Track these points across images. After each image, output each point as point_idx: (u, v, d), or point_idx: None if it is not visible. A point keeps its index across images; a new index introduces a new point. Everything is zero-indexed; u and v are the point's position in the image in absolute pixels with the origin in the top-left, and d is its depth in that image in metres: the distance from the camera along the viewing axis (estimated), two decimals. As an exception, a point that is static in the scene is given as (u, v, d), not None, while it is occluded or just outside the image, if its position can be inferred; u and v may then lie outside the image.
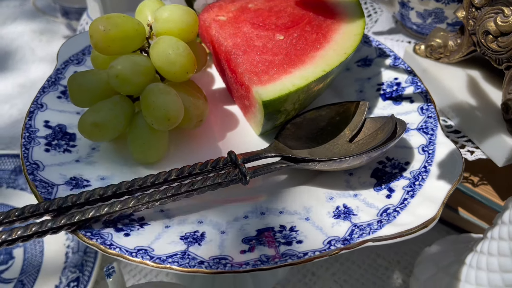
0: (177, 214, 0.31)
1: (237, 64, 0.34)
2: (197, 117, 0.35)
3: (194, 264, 0.27)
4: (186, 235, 0.29)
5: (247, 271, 0.26)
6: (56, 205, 0.29)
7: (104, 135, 0.33)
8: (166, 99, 0.31)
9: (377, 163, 0.34)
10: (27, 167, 0.32)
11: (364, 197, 0.31)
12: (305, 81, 0.32)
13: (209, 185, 0.30)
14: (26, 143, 0.34)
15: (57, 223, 0.28)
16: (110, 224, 0.29)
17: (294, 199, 0.32)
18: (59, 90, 0.40)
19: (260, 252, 0.28)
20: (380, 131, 0.34)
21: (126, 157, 0.35)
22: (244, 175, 0.31)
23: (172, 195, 0.30)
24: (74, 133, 0.36)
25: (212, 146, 0.37)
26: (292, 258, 0.27)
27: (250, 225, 0.30)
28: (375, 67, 0.43)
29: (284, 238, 0.29)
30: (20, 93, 0.72)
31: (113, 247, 0.28)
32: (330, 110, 0.37)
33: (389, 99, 0.40)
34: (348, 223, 0.29)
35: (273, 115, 0.33)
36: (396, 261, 0.49)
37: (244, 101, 0.36)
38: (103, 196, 0.30)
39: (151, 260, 0.27)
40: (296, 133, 0.36)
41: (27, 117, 0.36)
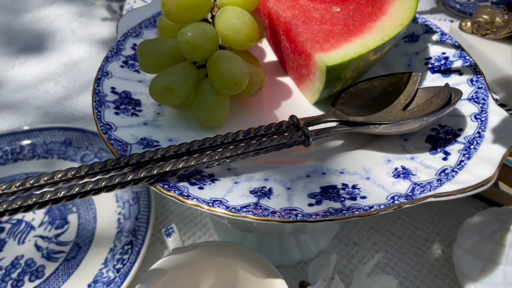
0: (244, 172, 0.33)
1: (298, 33, 0.36)
2: (257, 84, 0.37)
3: (267, 213, 0.29)
4: (255, 189, 0.31)
5: (317, 221, 0.28)
6: (135, 159, 0.31)
7: (174, 98, 0.35)
8: (234, 64, 0.33)
9: (431, 130, 0.36)
10: (101, 127, 0.35)
11: (421, 159, 0.33)
12: (366, 49, 0.34)
13: (274, 145, 0.32)
14: (97, 106, 0.36)
15: (138, 175, 0.30)
16: (184, 179, 0.31)
17: (353, 161, 0.34)
18: (121, 60, 0.42)
19: (327, 205, 0.29)
20: (435, 98, 0.35)
21: (189, 122, 0.37)
22: (308, 136, 0.33)
23: (241, 153, 0.32)
24: (139, 99, 0.39)
25: (268, 114, 0.39)
26: (359, 211, 0.29)
27: (313, 183, 0.32)
28: (422, 42, 0.44)
29: (348, 194, 0.30)
30: (64, 71, 0.75)
31: (190, 198, 0.30)
32: (383, 81, 0.39)
33: (437, 72, 0.41)
34: (408, 181, 0.31)
35: (332, 82, 0.35)
36: (435, 233, 0.50)
37: (301, 71, 0.38)
38: (177, 153, 0.32)
39: (227, 210, 0.29)
40: (350, 102, 0.38)
41: (95, 83, 0.39)
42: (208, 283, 0.40)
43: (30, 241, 0.50)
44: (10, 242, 0.50)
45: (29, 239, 0.50)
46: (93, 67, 0.76)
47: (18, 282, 0.46)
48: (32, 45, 0.81)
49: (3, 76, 0.75)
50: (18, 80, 0.74)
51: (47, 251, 0.49)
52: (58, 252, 0.49)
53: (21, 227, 0.51)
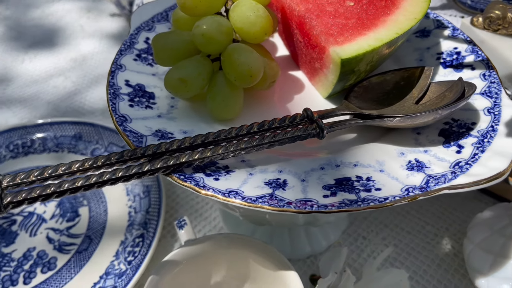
0: (258, 164, 0.33)
1: (312, 26, 0.36)
2: (271, 77, 0.37)
3: (283, 204, 0.29)
4: (270, 181, 0.31)
5: (333, 212, 0.29)
6: (151, 150, 0.31)
7: (188, 90, 0.35)
8: (250, 57, 0.34)
9: (443, 124, 0.36)
10: (116, 119, 0.35)
11: (434, 152, 0.33)
12: (380, 42, 0.34)
13: (289, 137, 0.32)
14: (112, 98, 0.37)
15: (155, 165, 0.30)
16: (199, 170, 0.32)
17: (366, 154, 0.34)
18: (135, 53, 0.42)
19: (342, 197, 0.30)
20: (448, 92, 0.35)
21: (202, 115, 0.38)
22: (322, 129, 0.33)
23: (256, 145, 0.32)
24: (153, 92, 0.39)
25: (281, 107, 0.39)
26: (374, 202, 0.29)
27: (327, 175, 0.32)
28: (433, 37, 0.44)
29: (362, 186, 0.31)
30: (73, 66, 0.75)
31: (206, 188, 0.30)
32: (395, 75, 0.39)
33: (449, 67, 0.41)
34: (422, 174, 0.31)
35: (346, 76, 0.35)
36: (445, 228, 0.50)
37: (314, 64, 0.38)
38: (192, 144, 0.32)
39: (243, 200, 0.29)
40: (363, 96, 0.38)
41: (109, 76, 0.39)
42: (220, 275, 0.40)
43: (42, 234, 0.51)
44: (22, 234, 0.51)
45: (41, 231, 0.51)
46: (102, 63, 0.76)
47: (31, 273, 0.47)
48: (42, 40, 0.81)
49: (13, 71, 0.75)
50: (28, 74, 0.74)
51: (58, 243, 0.49)
52: (69, 244, 0.49)
53: (33, 219, 0.52)
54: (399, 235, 0.50)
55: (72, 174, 0.30)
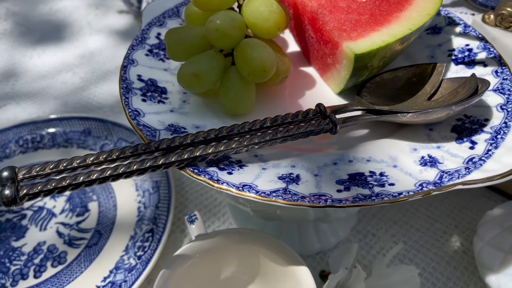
0: (271, 159, 0.33)
1: (325, 22, 0.36)
2: (283, 72, 0.37)
3: (297, 198, 0.29)
4: (283, 175, 0.31)
5: (347, 206, 0.29)
6: (165, 144, 0.31)
7: (201, 85, 0.35)
8: (263, 52, 0.34)
9: (456, 120, 0.36)
10: (129, 113, 0.35)
11: (447, 148, 0.33)
12: (393, 38, 0.34)
13: (302, 132, 0.33)
14: (124, 93, 0.37)
15: (169, 159, 0.30)
16: (213, 164, 0.32)
17: (379, 150, 0.34)
18: (146, 49, 0.42)
19: (356, 191, 0.30)
20: (461, 88, 0.35)
21: (215, 110, 0.38)
22: (335, 124, 0.33)
23: (269, 139, 0.32)
24: (165, 87, 0.39)
25: (292, 103, 0.39)
26: (388, 197, 0.29)
27: (340, 170, 0.32)
28: (445, 34, 0.44)
29: (375, 181, 0.31)
30: (81, 62, 0.76)
31: (220, 182, 0.30)
32: (407, 72, 0.39)
33: (461, 63, 0.41)
34: (436, 170, 0.31)
35: (359, 71, 0.35)
36: (454, 226, 0.50)
37: (326, 60, 0.38)
38: (206, 138, 0.32)
39: (257, 194, 0.29)
40: (375, 92, 0.38)
41: (121, 70, 0.39)
42: (230, 270, 0.41)
43: (52, 228, 0.51)
44: (32, 229, 0.51)
45: (51, 225, 0.51)
46: (110, 59, 0.76)
47: (41, 267, 0.47)
48: (50, 37, 0.81)
49: (21, 67, 0.75)
50: (36, 70, 0.75)
51: (68, 237, 0.50)
52: (79, 239, 0.49)
53: (43, 214, 0.52)
54: (408, 232, 0.50)
55: (86, 167, 0.30)
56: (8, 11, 0.87)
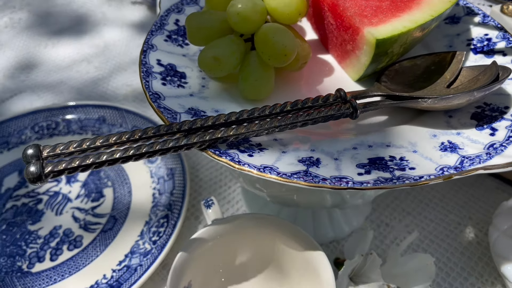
0: (290, 143, 0.33)
1: (346, 8, 0.36)
2: (303, 58, 0.37)
3: (318, 180, 0.29)
4: (303, 159, 0.31)
5: (368, 188, 0.29)
6: (186, 126, 0.32)
7: (222, 69, 0.35)
8: (284, 36, 0.34)
9: (475, 108, 0.36)
10: (150, 96, 0.35)
11: (467, 135, 0.33)
12: (415, 24, 0.34)
13: (323, 116, 0.33)
14: (145, 76, 0.37)
15: (191, 140, 0.31)
16: (233, 147, 0.32)
17: (398, 136, 0.34)
18: (165, 34, 0.42)
19: (377, 175, 0.30)
20: (481, 75, 0.35)
21: (233, 95, 0.38)
22: (356, 109, 0.33)
23: (290, 123, 0.32)
24: (184, 72, 0.39)
25: (311, 89, 0.39)
26: (409, 180, 0.29)
27: (360, 155, 0.32)
28: (463, 24, 0.44)
29: (396, 165, 0.31)
30: (96, 52, 0.76)
31: (241, 163, 0.30)
32: (426, 60, 0.39)
33: (480, 53, 0.41)
34: (456, 155, 0.31)
35: (379, 57, 0.35)
36: (468, 217, 0.50)
37: (345, 47, 0.38)
38: (227, 121, 0.32)
39: (278, 176, 0.29)
40: (394, 79, 0.38)
41: (141, 55, 0.39)
42: (246, 254, 0.41)
43: (68, 213, 0.51)
44: (48, 213, 0.51)
45: (66, 210, 0.52)
46: (124, 49, 0.77)
47: (57, 250, 0.48)
48: (64, 26, 0.82)
49: (37, 56, 0.76)
50: (51, 60, 0.75)
51: (84, 222, 0.50)
52: (95, 224, 0.50)
53: (58, 199, 0.53)
54: (422, 223, 0.50)
55: (109, 147, 0.31)
56: (23, 0, 0.88)
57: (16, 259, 0.47)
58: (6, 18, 0.84)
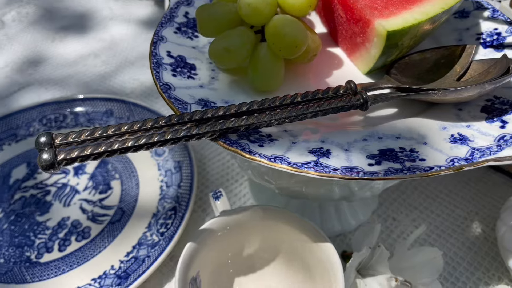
0: (300, 134, 0.33)
1: (356, 0, 0.36)
2: (313, 50, 0.37)
3: (328, 170, 0.29)
4: (313, 149, 0.32)
5: (379, 179, 0.29)
6: (197, 116, 0.32)
7: (232, 59, 0.35)
8: (295, 27, 0.34)
9: (485, 101, 0.36)
10: (160, 87, 0.35)
11: (477, 127, 0.33)
12: (426, 16, 0.34)
13: (333, 108, 0.33)
14: (155, 67, 0.37)
15: (202, 129, 0.31)
16: (244, 137, 0.32)
17: (407, 128, 0.34)
18: (175, 27, 0.43)
19: (387, 165, 0.30)
20: (492, 69, 0.35)
21: (243, 87, 0.38)
22: (366, 101, 0.33)
23: (300, 114, 0.32)
24: (194, 63, 0.39)
25: (320, 82, 0.39)
26: (420, 171, 0.29)
27: (370, 146, 0.32)
28: (473, 18, 0.44)
29: (406, 156, 0.31)
30: (103, 47, 0.76)
31: (252, 153, 0.30)
32: (436, 53, 0.39)
33: (490, 47, 0.41)
34: (467, 147, 0.31)
35: (389, 49, 0.35)
36: (475, 212, 0.50)
37: (355, 39, 0.38)
38: (237, 111, 0.32)
39: (289, 165, 0.29)
40: (404, 72, 0.38)
41: (151, 46, 0.39)
42: (255, 246, 0.41)
43: (75, 204, 0.52)
44: (56, 204, 0.52)
45: (74, 202, 0.52)
46: (131, 44, 0.77)
47: (65, 241, 0.48)
48: (71, 20, 0.82)
49: (44, 50, 0.76)
50: (59, 54, 0.75)
51: (92, 213, 0.50)
52: (102, 215, 0.50)
53: (66, 190, 0.53)
54: (429, 218, 0.50)
55: (121, 136, 0.31)
56: (30, -5, 0.88)
57: (24, 249, 0.47)
58: (14, 12, 0.84)
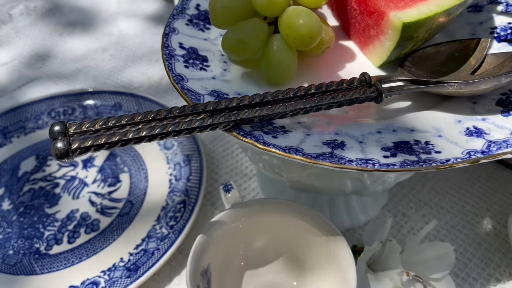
0: (314, 126, 0.33)
1: (371, -8, 0.36)
2: (326, 42, 0.37)
3: (344, 162, 0.29)
4: (328, 141, 0.31)
5: (395, 171, 0.29)
6: (211, 106, 0.32)
7: (246, 51, 0.35)
8: (310, 18, 0.34)
9: (500, 94, 0.35)
10: (173, 78, 0.35)
11: (493, 120, 0.33)
12: (441, 8, 0.34)
13: (348, 99, 0.33)
14: (168, 58, 0.37)
15: (216, 120, 0.31)
16: (257, 129, 0.32)
17: (422, 121, 0.34)
18: (186, 19, 0.42)
19: (403, 157, 0.30)
20: (507, 62, 0.35)
21: (255, 79, 0.38)
22: (381, 93, 0.33)
23: (315, 105, 0.32)
24: (206, 55, 0.39)
25: (332, 74, 0.39)
26: (436, 163, 0.29)
27: (385, 138, 0.32)
28: (486, 12, 0.43)
29: (421, 149, 0.31)
30: (111, 41, 0.76)
31: (266, 144, 0.30)
32: (450, 46, 0.39)
33: (504, 41, 0.40)
34: (483, 140, 0.31)
35: (404, 42, 0.35)
36: (485, 208, 0.50)
37: (369, 32, 0.38)
38: (251, 102, 0.32)
39: (304, 157, 0.29)
40: (417, 66, 0.38)
41: (163, 38, 0.39)
42: (265, 238, 0.41)
43: (84, 197, 0.52)
44: (65, 197, 0.52)
45: (83, 194, 0.52)
46: (139, 38, 0.77)
47: (75, 233, 0.48)
48: (79, 15, 0.82)
49: (52, 44, 0.76)
50: (67, 48, 0.75)
51: (101, 206, 0.50)
52: (111, 208, 0.50)
53: (75, 183, 0.53)
54: (439, 213, 0.50)
55: (135, 125, 0.31)
56: (38, -11, 0.88)
57: (33, 241, 0.47)
58: (22, 6, 0.84)
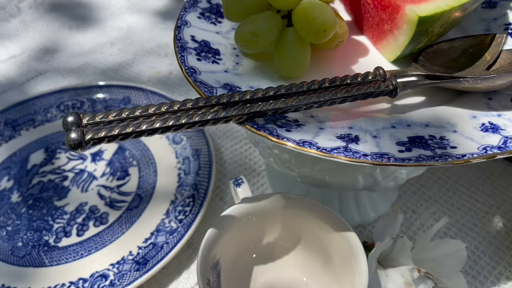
0: (327, 120, 0.33)
1: (386, -14, 0.36)
2: (340, 36, 0.37)
3: (359, 156, 0.29)
4: (342, 135, 0.31)
5: (410, 165, 0.28)
6: (224, 99, 0.31)
7: (259, 44, 0.35)
8: (324, 11, 0.33)
9: (516, 91, 0.35)
10: (186, 70, 0.35)
11: (508, 116, 0.33)
12: (458, 2, 0.33)
13: (362, 93, 0.32)
14: (180, 51, 0.37)
15: (230, 112, 0.30)
16: (270, 122, 0.32)
17: (437, 116, 0.33)
18: (198, 12, 0.42)
19: (418, 152, 0.29)
20: (524, 58, 0.35)
21: (267, 73, 0.38)
22: (396, 87, 0.33)
23: (329, 99, 0.32)
24: (218, 49, 0.39)
25: (345, 69, 0.39)
26: (452, 158, 0.29)
27: (399, 133, 0.32)
28: (500, 9, 0.43)
29: (436, 144, 0.30)
30: (119, 35, 0.76)
31: (280, 137, 0.30)
32: (464, 42, 0.38)
33: (518, 37, 0.40)
34: (499, 135, 0.31)
35: (419, 36, 0.35)
36: (496, 207, 0.50)
37: (382, 27, 0.38)
38: (264, 96, 0.32)
39: (318, 150, 0.29)
40: (431, 61, 0.37)
41: (175, 31, 0.39)
42: (275, 234, 0.41)
43: (93, 190, 0.52)
44: (73, 190, 0.52)
45: (92, 188, 0.52)
46: (147, 33, 0.77)
47: (83, 226, 0.48)
48: (88, 9, 0.82)
49: (61, 37, 0.76)
50: (76, 41, 0.75)
51: (110, 199, 0.50)
52: (120, 201, 0.50)
53: (84, 176, 0.53)
54: (449, 211, 0.50)
55: (148, 117, 0.31)
56: (47, -18, 0.88)
57: (43, 233, 0.47)
58: (31, -1, 0.84)
